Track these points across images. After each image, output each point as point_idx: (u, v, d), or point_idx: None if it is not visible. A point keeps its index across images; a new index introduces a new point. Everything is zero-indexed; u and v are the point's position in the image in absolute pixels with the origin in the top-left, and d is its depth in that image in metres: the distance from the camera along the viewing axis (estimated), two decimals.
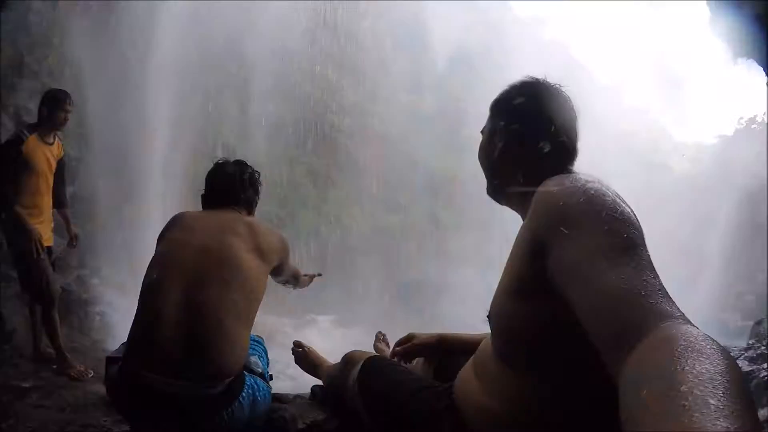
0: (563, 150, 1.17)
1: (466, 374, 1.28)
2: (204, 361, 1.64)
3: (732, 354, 0.57)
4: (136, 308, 1.79)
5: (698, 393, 0.48)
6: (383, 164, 12.09)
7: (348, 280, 10.51)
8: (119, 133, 8.27)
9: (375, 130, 12.02)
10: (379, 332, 2.54)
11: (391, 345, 1.92)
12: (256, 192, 2.15)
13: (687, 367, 0.52)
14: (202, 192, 2.12)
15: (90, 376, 3.43)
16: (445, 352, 1.73)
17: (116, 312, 6.30)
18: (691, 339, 0.57)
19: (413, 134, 12.40)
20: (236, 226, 1.90)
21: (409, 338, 1.82)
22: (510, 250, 1.07)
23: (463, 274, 9.76)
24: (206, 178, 2.12)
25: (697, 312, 9.39)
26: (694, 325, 0.63)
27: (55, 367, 3.52)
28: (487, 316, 1.14)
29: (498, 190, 1.28)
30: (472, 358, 1.30)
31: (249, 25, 10.49)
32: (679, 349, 0.56)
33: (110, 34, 8.39)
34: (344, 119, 12.36)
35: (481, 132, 1.32)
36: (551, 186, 0.96)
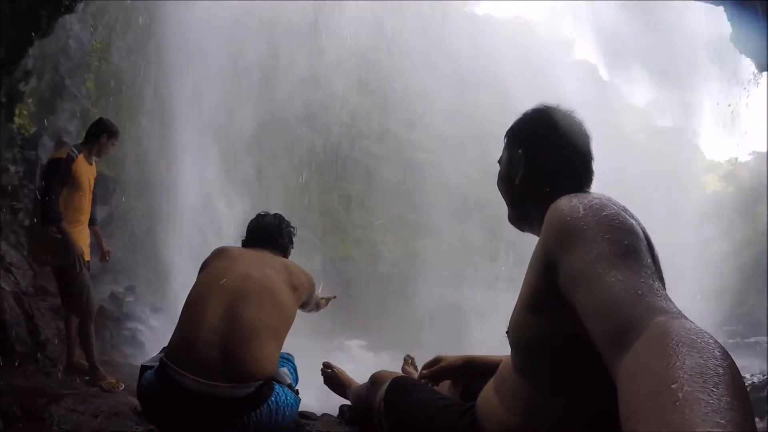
0: (579, 173, 1.20)
1: (488, 391, 1.29)
2: (237, 364, 1.77)
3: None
4: (170, 324, 1.91)
5: (688, 389, 0.48)
6: (415, 189, 12.12)
7: (378, 304, 10.50)
8: (154, 156, 8.50)
9: (406, 156, 12.08)
10: (408, 355, 2.56)
11: (419, 368, 1.93)
12: (291, 242, 2.44)
13: (678, 363, 0.52)
14: (243, 238, 2.37)
15: (121, 388, 3.50)
16: (472, 374, 1.73)
17: (148, 329, 6.43)
18: (682, 333, 0.58)
19: (444, 159, 12.42)
20: (274, 262, 2.16)
21: (436, 360, 1.84)
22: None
23: (494, 298, 9.65)
24: (248, 227, 2.39)
25: (734, 333, 9.06)
26: (688, 320, 0.63)
27: (87, 378, 3.61)
28: (506, 332, 1.15)
29: (519, 217, 1.30)
30: (493, 375, 1.31)
31: (283, 52, 10.73)
32: (670, 345, 0.56)
33: (146, 62, 8.69)
34: (375, 145, 12.47)
35: (498, 162, 1.34)
36: (560, 204, 1.00)
